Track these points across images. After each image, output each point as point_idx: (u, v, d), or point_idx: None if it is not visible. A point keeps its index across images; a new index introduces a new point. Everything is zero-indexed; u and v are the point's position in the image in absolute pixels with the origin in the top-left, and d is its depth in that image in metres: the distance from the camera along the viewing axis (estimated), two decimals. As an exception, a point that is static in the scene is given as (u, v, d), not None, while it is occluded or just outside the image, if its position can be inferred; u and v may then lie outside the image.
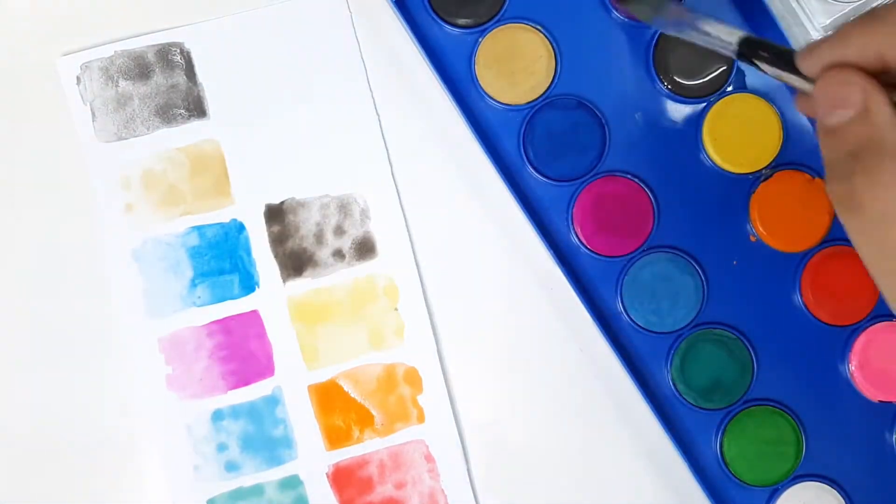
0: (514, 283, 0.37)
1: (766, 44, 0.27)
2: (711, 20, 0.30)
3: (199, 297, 0.36)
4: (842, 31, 0.23)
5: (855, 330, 0.36)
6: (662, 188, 0.36)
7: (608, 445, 0.37)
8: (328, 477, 0.36)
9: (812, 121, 0.36)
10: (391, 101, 0.36)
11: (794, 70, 0.25)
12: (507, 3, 0.35)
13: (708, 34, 0.30)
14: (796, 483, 0.36)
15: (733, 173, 0.36)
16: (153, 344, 0.36)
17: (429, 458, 0.36)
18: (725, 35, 0.29)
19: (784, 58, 0.26)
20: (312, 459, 0.36)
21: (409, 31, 0.35)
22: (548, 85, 0.36)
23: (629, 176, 0.36)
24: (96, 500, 0.36)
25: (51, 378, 0.36)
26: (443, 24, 0.36)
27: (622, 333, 0.36)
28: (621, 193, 0.36)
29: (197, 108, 0.36)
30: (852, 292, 0.35)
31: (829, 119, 0.23)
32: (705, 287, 0.36)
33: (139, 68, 0.36)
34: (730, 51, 0.29)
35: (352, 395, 0.36)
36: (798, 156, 0.36)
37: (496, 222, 0.37)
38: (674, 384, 0.36)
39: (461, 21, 0.35)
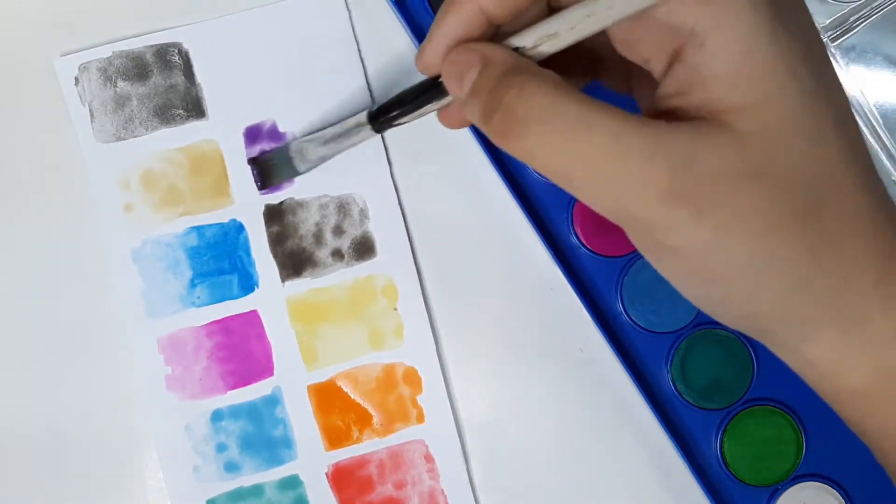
0: (514, 283, 0.37)
1: (389, 100, 0.28)
2: (335, 128, 0.32)
3: (199, 298, 0.36)
4: (438, 15, 0.24)
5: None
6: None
7: (608, 445, 0.37)
8: (328, 477, 0.36)
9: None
10: (390, 101, 0.36)
11: (423, 98, 0.26)
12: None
13: (343, 137, 0.32)
14: (796, 483, 0.36)
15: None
16: (152, 344, 0.36)
17: (428, 458, 0.36)
18: (356, 124, 0.31)
19: (408, 97, 0.27)
20: (312, 460, 0.36)
21: (409, 31, 0.35)
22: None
23: (629, 176, 0.36)
24: (95, 500, 0.36)
25: (49, 378, 0.36)
26: (442, 23, 0.35)
27: (622, 333, 0.36)
28: (621, 193, 0.36)
29: (196, 109, 0.36)
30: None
31: (462, 89, 0.23)
32: (705, 287, 0.35)
33: (137, 69, 0.36)
34: (367, 133, 0.30)
35: (351, 396, 0.36)
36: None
37: (496, 222, 0.37)
38: (674, 384, 0.36)
39: (460, 20, 0.35)
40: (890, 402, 0.22)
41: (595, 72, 0.27)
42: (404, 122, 0.28)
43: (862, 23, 0.36)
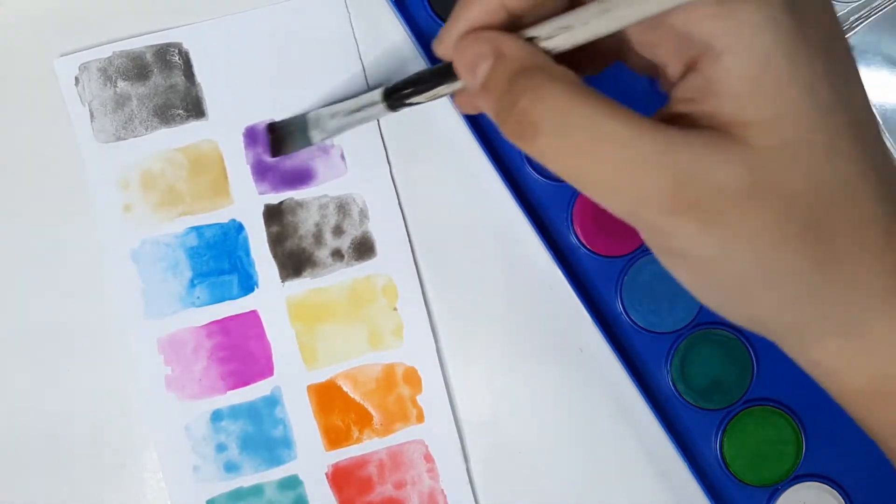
0: (514, 283, 0.37)
1: (404, 80, 0.29)
2: (350, 102, 0.32)
3: (198, 298, 0.36)
4: (460, 2, 0.24)
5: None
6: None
7: (608, 445, 0.37)
8: (327, 477, 0.36)
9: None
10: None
11: (438, 80, 0.27)
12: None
13: (358, 112, 0.32)
14: (796, 483, 0.36)
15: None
16: (152, 344, 0.36)
17: (428, 458, 0.36)
18: (370, 102, 0.31)
19: (423, 78, 0.27)
20: (312, 460, 0.36)
21: (409, 32, 0.35)
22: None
23: (629, 176, 0.36)
24: (96, 500, 0.36)
25: (49, 378, 0.36)
26: (442, 24, 0.35)
27: (622, 333, 0.36)
28: (621, 193, 0.36)
29: (195, 109, 0.36)
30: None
31: (475, 80, 0.23)
32: (705, 287, 0.35)
33: (137, 69, 0.36)
34: (381, 110, 0.30)
35: (351, 396, 0.36)
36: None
37: (496, 222, 0.37)
38: (674, 384, 0.36)
39: (460, 20, 0.35)
40: (891, 404, 0.23)
41: (620, 54, 0.27)
42: (418, 103, 0.28)
43: (862, 23, 0.36)
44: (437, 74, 0.27)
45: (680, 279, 0.23)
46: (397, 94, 0.29)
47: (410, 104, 0.29)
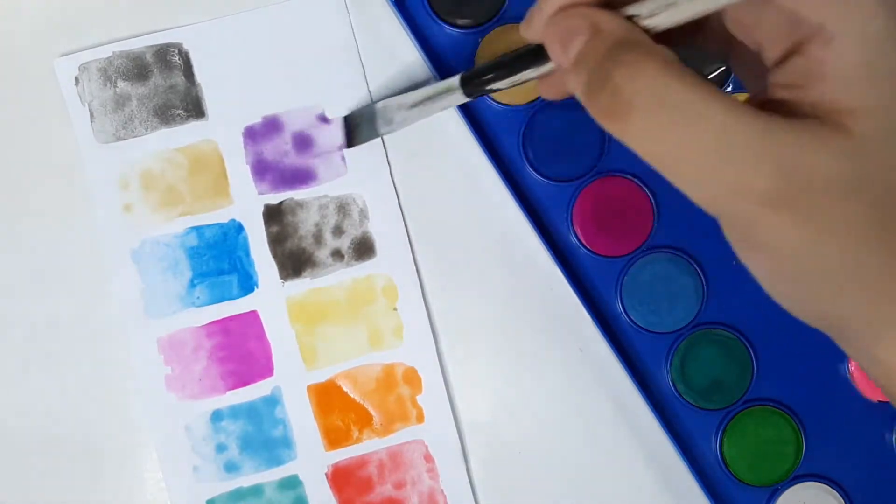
0: (514, 283, 0.37)
1: (485, 64, 0.27)
2: (424, 90, 0.31)
3: (198, 298, 0.36)
4: None
5: (855, 330, 0.36)
6: (661, 188, 0.36)
7: (608, 445, 0.37)
8: (327, 477, 0.36)
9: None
10: (390, 101, 0.36)
11: (522, 64, 0.25)
12: (506, 3, 0.35)
13: (433, 100, 0.31)
14: (796, 483, 0.36)
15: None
16: (152, 344, 0.36)
17: (428, 458, 0.36)
18: (447, 88, 0.30)
19: (506, 62, 0.26)
20: (312, 460, 0.36)
21: (409, 32, 0.35)
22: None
23: (629, 176, 0.36)
24: (96, 500, 0.36)
25: (49, 379, 0.36)
26: (442, 24, 0.35)
27: (622, 333, 0.36)
28: (621, 193, 0.36)
29: (195, 109, 0.36)
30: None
31: (567, 56, 0.22)
32: (705, 287, 0.36)
33: (137, 69, 0.36)
34: (458, 98, 0.29)
35: (351, 396, 0.36)
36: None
37: (496, 222, 0.37)
38: (674, 384, 0.36)
39: (461, 21, 0.35)
40: None
41: (694, 37, 0.25)
42: (499, 89, 0.27)
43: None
44: (522, 57, 0.25)
45: (756, 272, 0.22)
46: (478, 80, 0.28)
47: (490, 91, 0.27)
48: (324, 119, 0.36)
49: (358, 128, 0.35)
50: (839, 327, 0.23)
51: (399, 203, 0.36)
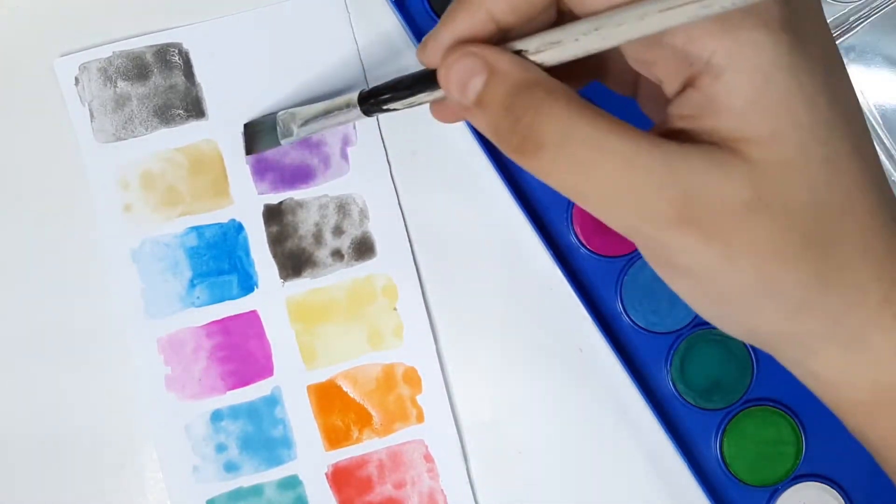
0: (514, 283, 0.37)
1: (383, 84, 0.27)
2: (325, 104, 0.31)
3: (198, 298, 0.36)
4: (448, 10, 0.23)
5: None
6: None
7: (608, 445, 0.37)
8: (327, 477, 0.36)
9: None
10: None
11: (418, 87, 0.26)
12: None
13: (332, 114, 0.31)
14: (796, 483, 0.36)
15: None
16: (152, 344, 0.36)
17: (428, 458, 0.36)
18: (346, 104, 0.30)
19: (403, 84, 0.26)
20: (312, 460, 0.36)
21: (409, 32, 0.35)
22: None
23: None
24: (96, 500, 0.36)
25: (49, 379, 0.36)
26: (442, 23, 0.35)
27: (622, 333, 0.36)
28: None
29: (195, 109, 0.36)
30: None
31: (467, 96, 0.23)
32: (705, 287, 0.35)
33: (137, 69, 0.36)
34: (356, 114, 0.29)
35: (351, 395, 0.36)
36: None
37: (496, 222, 0.37)
38: (674, 384, 0.36)
39: (460, 20, 0.35)
40: (890, 414, 0.23)
41: (599, 74, 0.27)
42: (395, 109, 0.27)
43: (862, 23, 0.36)
44: (418, 81, 0.26)
45: (680, 293, 0.23)
46: (374, 100, 0.28)
47: (387, 110, 0.28)
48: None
49: (258, 135, 0.35)
50: (771, 344, 0.23)
51: (399, 203, 0.36)
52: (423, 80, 0.26)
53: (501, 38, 0.23)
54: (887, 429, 0.23)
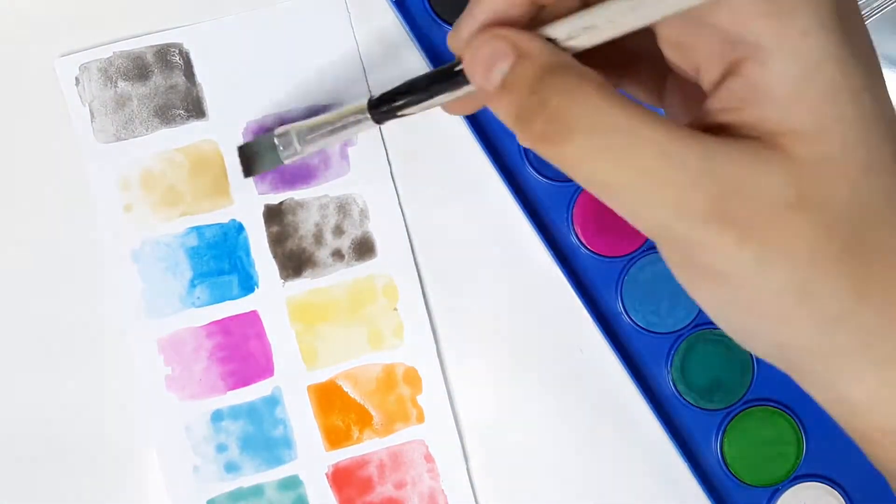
0: (514, 283, 0.37)
1: (396, 87, 0.26)
2: (326, 116, 0.30)
3: (199, 298, 0.36)
4: None
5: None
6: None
7: (608, 445, 0.37)
8: (328, 477, 0.36)
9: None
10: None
11: (436, 88, 0.24)
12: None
13: (339, 128, 0.29)
14: (796, 483, 0.36)
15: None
16: (152, 345, 0.36)
17: (428, 459, 0.36)
18: (353, 112, 0.28)
19: (419, 86, 0.25)
20: (312, 460, 0.36)
21: (409, 32, 0.35)
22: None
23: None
24: (96, 500, 0.36)
25: (49, 379, 0.36)
26: (442, 24, 0.35)
27: (622, 333, 0.36)
28: (621, 193, 0.36)
29: (196, 109, 0.36)
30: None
31: (492, 81, 0.21)
32: (705, 287, 0.35)
33: (138, 69, 0.36)
34: (367, 125, 0.28)
35: (351, 396, 0.36)
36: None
37: (496, 222, 0.37)
38: (674, 384, 0.36)
39: (460, 21, 0.35)
40: None
41: (625, 77, 0.25)
42: (411, 113, 0.26)
43: (862, 23, 0.36)
44: (436, 79, 0.24)
45: (704, 303, 0.22)
46: (387, 107, 0.26)
47: (401, 116, 0.26)
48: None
49: (257, 156, 0.34)
50: (795, 360, 0.22)
51: (399, 203, 0.36)
52: (440, 80, 0.24)
53: (535, 17, 0.22)
54: None
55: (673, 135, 0.19)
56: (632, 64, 0.25)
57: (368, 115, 0.28)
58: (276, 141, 0.32)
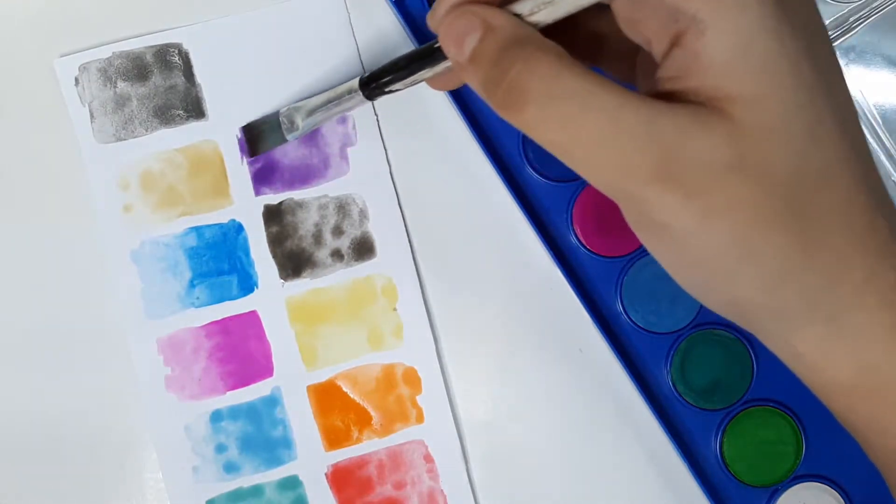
0: (514, 283, 0.37)
1: (381, 67, 0.29)
2: (326, 94, 0.32)
3: (198, 298, 0.36)
4: None
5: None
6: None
7: (608, 445, 0.37)
8: (327, 477, 0.36)
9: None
10: (389, 101, 0.36)
11: (416, 65, 0.27)
12: (506, 2, 0.35)
13: (334, 104, 0.32)
14: (796, 483, 0.36)
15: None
16: (152, 345, 0.36)
17: (428, 459, 0.36)
18: (347, 90, 0.31)
19: (401, 64, 0.27)
20: (311, 460, 0.36)
21: (409, 32, 0.35)
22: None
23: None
24: (95, 500, 0.36)
25: (49, 379, 0.36)
26: (442, 23, 0.35)
27: (622, 333, 0.36)
28: (621, 193, 0.36)
29: (195, 109, 0.36)
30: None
31: (463, 54, 0.23)
32: (705, 287, 0.35)
33: (137, 69, 0.36)
34: (359, 100, 0.30)
35: (351, 396, 0.36)
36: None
37: (496, 222, 0.37)
38: (674, 384, 0.36)
39: (460, 21, 0.35)
40: (873, 397, 0.23)
41: (597, 57, 0.27)
42: (397, 90, 0.28)
43: (862, 23, 0.36)
44: (417, 57, 0.27)
45: (659, 257, 0.23)
46: (375, 83, 0.29)
47: (389, 92, 0.29)
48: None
49: (262, 135, 0.35)
50: (747, 317, 0.23)
51: (399, 203, 0.36)
52: (421, 57, 0.27)
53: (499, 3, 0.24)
54: (870, 412, 0.23)
55: (622, 100, 0.21)
56: (605, 44, 0.26)
57: (360, 93, 0.30)
58: (280, 119, 0.34)
